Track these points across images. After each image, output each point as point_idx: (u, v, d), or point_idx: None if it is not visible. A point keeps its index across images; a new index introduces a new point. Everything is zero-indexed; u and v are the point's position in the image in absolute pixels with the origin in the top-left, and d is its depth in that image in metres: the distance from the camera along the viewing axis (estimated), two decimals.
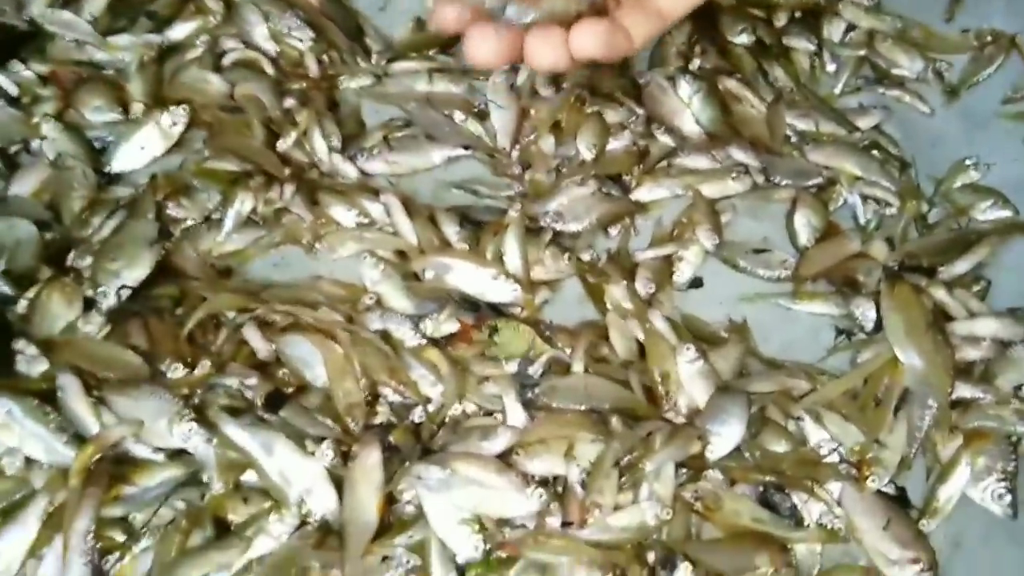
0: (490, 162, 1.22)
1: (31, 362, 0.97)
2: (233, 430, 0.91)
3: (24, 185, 1.15)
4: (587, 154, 1.17)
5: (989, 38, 1.29)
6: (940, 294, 1.05)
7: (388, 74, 1.30)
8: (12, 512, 0.89)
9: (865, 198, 1.19)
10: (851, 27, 1.34)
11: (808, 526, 0.92)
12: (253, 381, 0.96)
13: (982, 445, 0.96)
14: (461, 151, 1.21)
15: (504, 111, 1.23)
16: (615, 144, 1.22)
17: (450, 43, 1.35)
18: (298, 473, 0.90)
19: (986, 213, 1.16)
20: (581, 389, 0.97)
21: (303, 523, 0.88)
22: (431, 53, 1.33)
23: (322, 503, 0.88)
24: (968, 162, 1.21)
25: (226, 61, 1.30)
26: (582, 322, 1.08)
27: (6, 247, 1.06)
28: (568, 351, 1.02)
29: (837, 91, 1.31)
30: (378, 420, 0.98)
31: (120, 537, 0.89)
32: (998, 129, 1.23)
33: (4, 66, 1.26)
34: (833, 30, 1.34)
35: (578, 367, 1.00)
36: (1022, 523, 0.94)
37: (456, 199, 1.19)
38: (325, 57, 1.31)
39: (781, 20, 1.34)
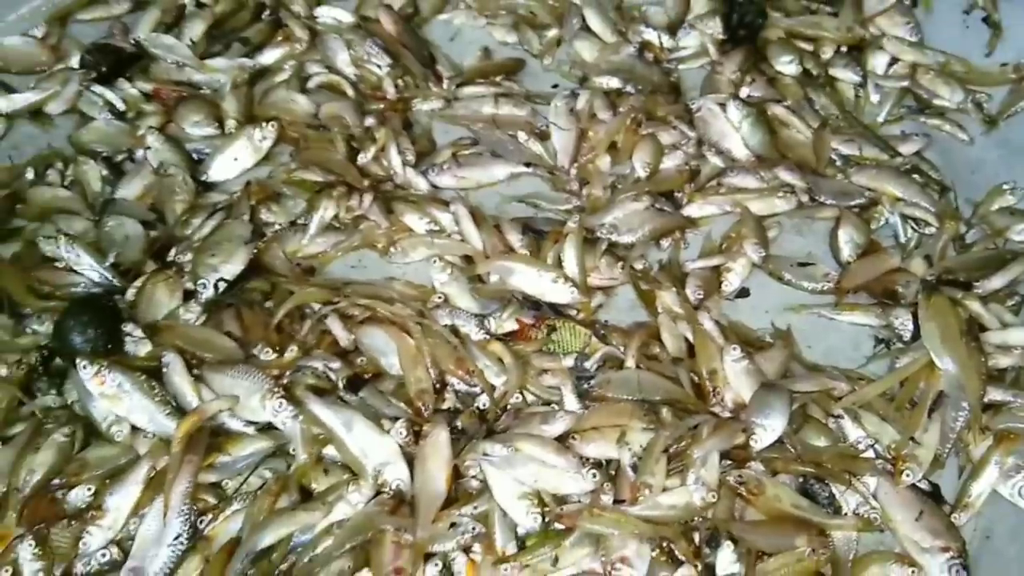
0: (550, 179, 1.31)
1: (138, 343, 1.08)
2: (318, 407, 0.99)
3: (130, 189, 1.27)
4: (642, 172, 1.25)
5: None
6: (975, 306, 1.11)
7: (457, 98, 1.40)
8: (119, 475, 0.99)
9: (906, 218, 1.25)
10: (894, 60, 1.42)
11: (845, 515, 0.98)
12: (336, 365, 1.05)
13: (1012, 445, 1.00)
14: (523, 168, 1.30)
15: (564, 132, 1.33)
16: (668, 163, 1.30)
17: (514, 70, 1.46)
18: (375, 448, 0.97)
19: (1022, 234, 1.21)
20: (634, 382, 1.04)
21: (379, 492, 0.96)
22: (497, 79, 1.43)
23: (396, 474, 0.96)
24: (1005, 187, 1.26)
25: (311, 84, 1.42)
26: (634, 324, 1.15)
27: (115, 243, 1.18)
28: (622, 348, 1.09)
29: (880, 119, 1.38)
30: (445, 406, 1.06)
31: (214, 500, 0.98)
32: None
33: (112, 83, 1.39)
34: (877, 63, 1.42)
35: (631, 362, 1.07)
36: None
37: (518, 211, 1.27)
38: (401, 82, 1.42)
39: (827, 53, 1.42)
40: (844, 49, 1.44)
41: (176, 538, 0.94)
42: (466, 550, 0.94)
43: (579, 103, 1.37)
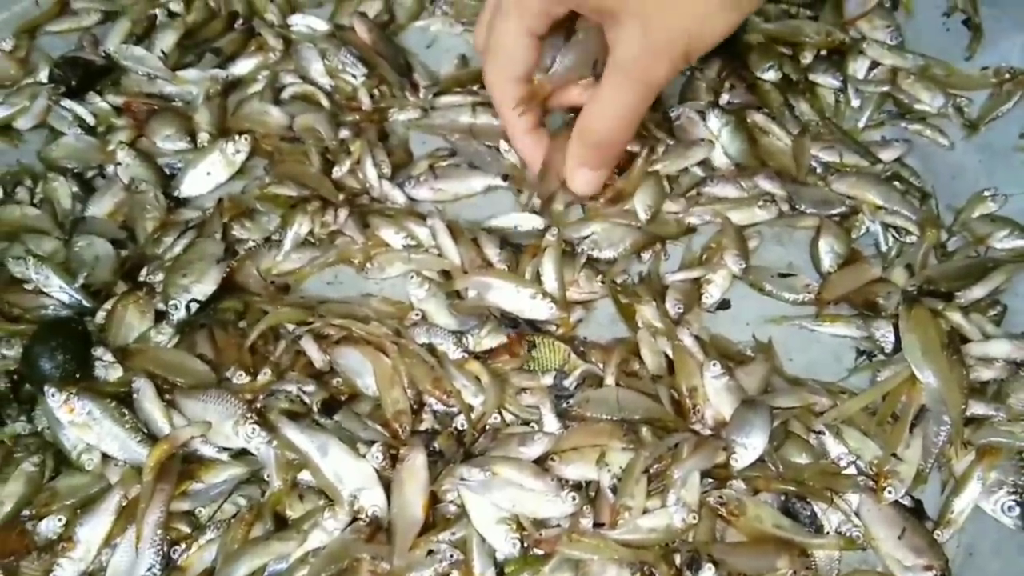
0: (517, 195, 1.28)
1: (108, 368, 1.06)
2: (292, 432, 0.98)
3: (100, 207, 1.25)
4: (644, 215, 1.22)
5: (1007, 75, 1.33)
6: (956, 317, 1.10)
7: (434, 107, 1.38)
8: (90, 504, 0.97)
9: (886, 226, 1.24)
10: (875, 64, 1.40)
11: (827, 533, 0.97)
12: (310, 388, 1.04)
13: (994, 460, 1.00)
14: (500, 181, 1.28)
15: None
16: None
17: None
18: (350, 473, 0.96)
19: (1003, 242, 1.20)
20: (613, 401, 1.03)
21: (355, 519, 0.95)
22: (474, 88, 1.41)
23: (372, 500, 0.95)
24: (986, 193, 1.25)
25: (285, 95, 1.40)
26: (614, 339, 1.14)
27: (85, 263, 1.16)
28: (601, 365, 1.08)
29: (861, 125, 1.37)
30: (423, 427, 1.05)
31: (187, 529, 0.97)
32: (1016, 162, 1.27)
33: (82, 97, 1.37)
34: (857, 67, 1.41)
35: (610, 380, 1.06)
36: None
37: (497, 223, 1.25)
38: (376, 91, 1.40)
39: (807, 57, 1.41)
40: (824, 54, 1.42)
41: (149, 569, 0.92)
42: None
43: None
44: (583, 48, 1.03)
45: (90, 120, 1.35)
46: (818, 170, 1.30)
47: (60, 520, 0.97)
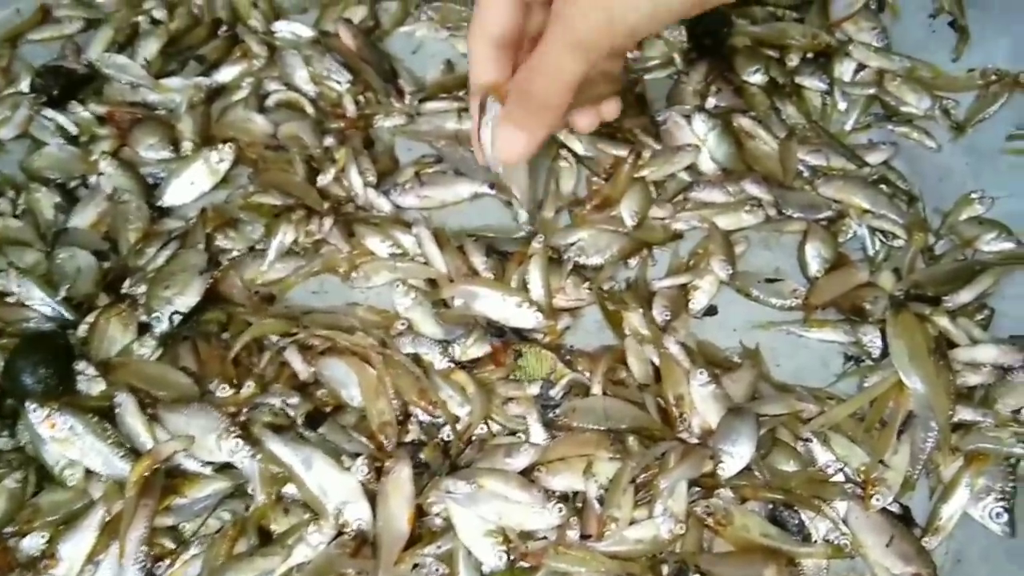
0: (504, 204, 1.28)
1: (90, 382, 1.05)
2: (276, 446, 0.97)
3: (83, 218, 1.24)
4: (630, 221, 1.22)
5: (994, 77, 1.33)
6: (943, 322, 1.10)
7: (420, 113, 1.37)
8: (73, 520, 0.96)
9: (873, 230, 1.23)
10: (861, 67, 1.40)
11: (815, 542, 0.97)
12: (294, 401, 1.03)
13: (982, 466, 1.00)
14: (487, 188, 1.27)
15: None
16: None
17: None
18: (335, 486, 0.96)
19: (991, 245, 1.20)
20: (600, 410, 1.03)
21: (340, 533, 0.94)
22: (460, 93, 1.40)
23: (357, 514, 0.94)
24: (973, 196, 1.25)
25: (270, 102, 1.38)
26: (601, 347, 1.13)
27: (67, 275, 1.15)
28: (588, 374, 1.08)
29: (847, 128, 1.36)
30: (409, 438, 1.04)
31: (171, 544, 0.96)
32: (1002, 164, 1.27)
33: (64, 107, 1.36)
34: (844, 70, 1.40)
35: (597, 389, 1.05)
36: (1020, 541, 0.98)
37: (483, 231, 1.25)
38: (361, 98, 1.39)
39: (794, 60, 1.40)
40: (811, 56, 1.42)
41: None
42: None
43: None
44: None
45: (72, 130, 1.33)
46: (805, 174, 1.30)
47: (43, 536, 0.96)
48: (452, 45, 1.48)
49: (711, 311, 1.18)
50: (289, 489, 0.98)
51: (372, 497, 0.96)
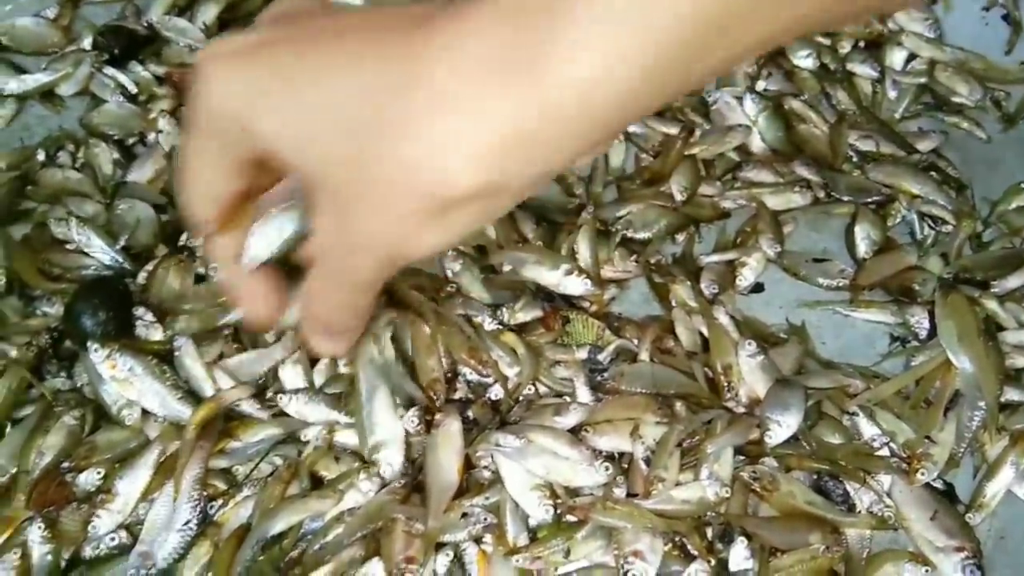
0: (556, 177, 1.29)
1: (148, 328, 1.07)
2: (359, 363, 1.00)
3: (141, 173, 1.26)
4: (679, 195, 1.23)
5: None
6: (992, 305, 1.10)
7: None
8: (129, 459, 0.99)
9: (922, 215, 1.24)
10: (912, 56, 1.41)
11: (859, 512, 0.97)
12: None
13: None
14: None
15: None
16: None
17: None
18: (383, 426, 0.97)
19: None
20: (648, 375, 1.04)
21: (391, 481, 0.96)
22: None
23: (389, 458, 0.96)
24: (1023, 186, 1.25)
25: None
26: (647, 317, 1.14)
27: (127, 226, 1.17)
28: (635, 341, 1.09)
29: (897, 115, 1.37)
30: (456, 396, 1.05)
31: (224, 486, 0.98)
32: None
33: (124, 66, 1.38)
34: (895, 58, 1.41)
35: (644, 356, 1.06)
36: None
37: (532, 199, 1.26)
38: None
39: (845, 47, 1.41)
40: (862, 44, 1.43)
41: (186, 523, 0.94)
42: (477, 540, 0.94)
43: None
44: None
45: (132, 88, 1.36)
46: (854, 159, 1.30)
47: (99, 473, 0.98)
48: None
49: (758, 288, 1.19)
50: (340, 438, 1.00)
51: (411, 450, 0.98)
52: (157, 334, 1.06)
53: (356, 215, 0.50)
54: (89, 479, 0.98)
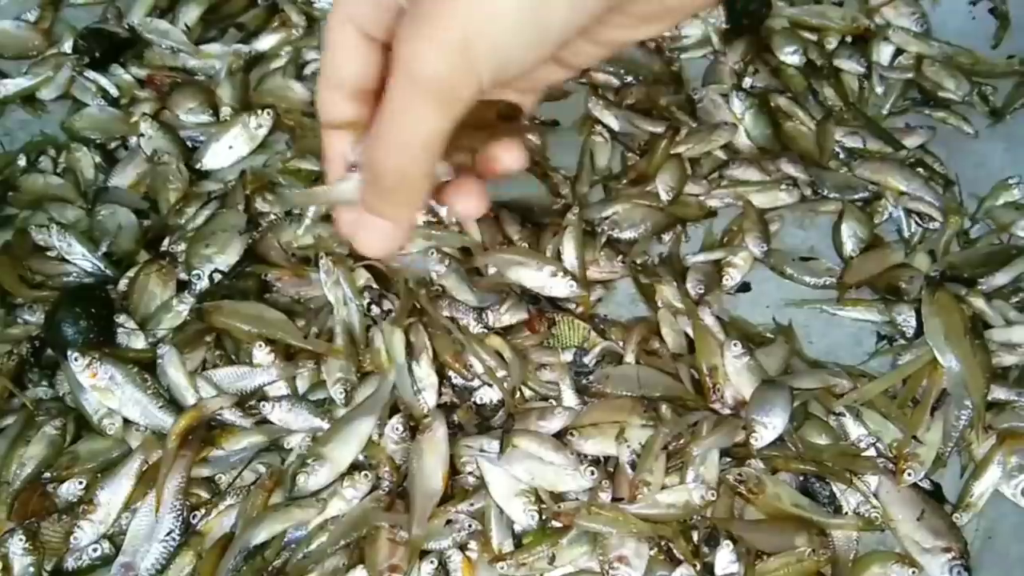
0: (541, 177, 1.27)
1: (130, 335, 1.06)
2: None
3: (123, 178, 1.26)
4: (665, 196, 1.21)
5: None
6: (979, 303, 1.09)
7: None
8: (111, 468, 0.98)
9: (909, 212, 1.23)
10: (899, 51, 1.39)
11: (846, 514, 0.97)
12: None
13: (1015, 445, 0.99)
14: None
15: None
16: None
17: None
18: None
19: None
20: (633, 377, 1.03)
21: (374, 488, 0.95)
22: None
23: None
24: (1010, 181, 1.24)
25: (308, 71, 1.39)
26: (633, 319, 1.14)
27: (108, 232, 1.16)
28: (621, 343, 1.08)
29: (885, 111, 1.36)
30: (441, 400, 1.05)
31: (206, 495, 0.97)
32: None
33: (106, 69, 1.37)
34: (882, 54, 1.40)
35: (630, 358, 1.06)
36: None
37: (518, 201, 1.25)
38: None
39: (832, 43, 1.40)
40: (849, 39, 1.42)
41: (168, 533, 0.93)
42: (462, 548, 0.93)
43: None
44: None
45: (113, 92, 1.35)
46: (841, 155, 1.29)
47: (81, 483, 0.97)
48: None
49: (744, 287, 1.18)
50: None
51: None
52: (139, 342, 1.06)
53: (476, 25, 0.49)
54: (71, 489, 0.97)
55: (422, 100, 0.53)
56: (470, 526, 0.93)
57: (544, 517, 0.94)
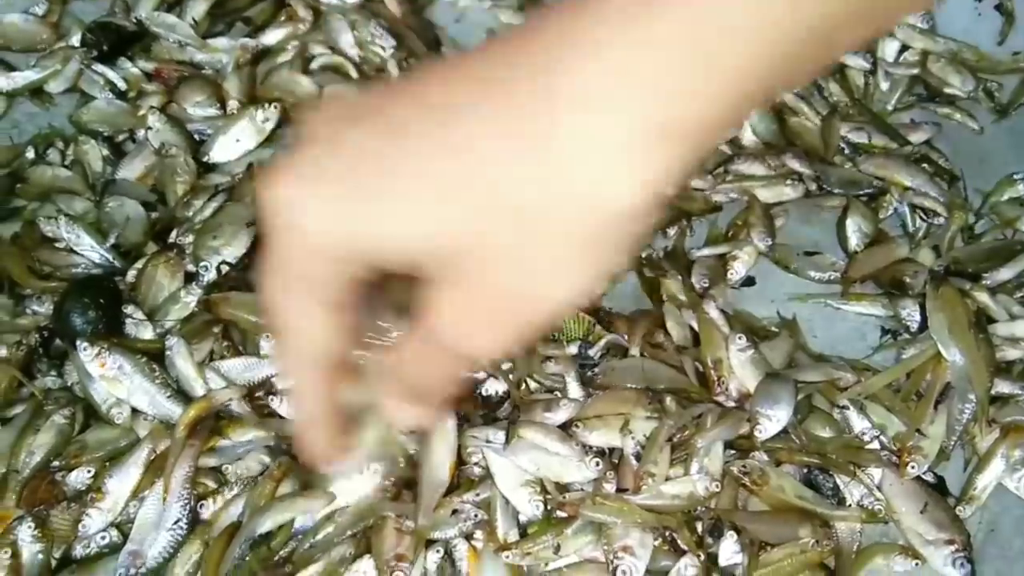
0: None
1: (138, 326, 1.07)
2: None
3: (131, 170, 1.26)
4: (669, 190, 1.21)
5: None
6: (983, 297, 1.10)
7: None
8: (119, 457, 0.99)
9: (914, 208, 1.23)
10: (905, 47, 1.40)
11: (849, 506, 0.97)
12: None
13: (1019, 438, 1.00)
14: None
15: None
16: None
17: None
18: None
19: None
20: (638, 370, 1.04)
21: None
22: None
23: None
24: (1016, 177, 1.25)
25: (314, 65, 1.40)
26: (637, 312, 1.14)
27: (116, 223, 1.17)
28: (625, 336, 1.08)
29: (890, 107, 1.36)
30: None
31: (214, 485, 0.98)
32: None
33: (113, 62, 1.38)
34: (887, 50, 1.40)
35: (635, 351, 1.06)
36: None
37: None
38: (405, 64, 1.40)
39: None
40: None
41: (176, 522, 0.94)
42: (468, 537, 0.94)
43: None
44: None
45: (121, 85, 1.35)
46: (846, 151, 1.30)
47: (89, 471, 0.98)
48: (495, 15, 1.49)
49: (749, 282, 1.19)
50: None
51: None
52: (147, 332, 1.06)
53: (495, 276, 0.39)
54: (79, 478, 0.98)
55: (451, 361, 0.43)
56: (476, 516, 0.93)
57: (549, 507, 0.94)
